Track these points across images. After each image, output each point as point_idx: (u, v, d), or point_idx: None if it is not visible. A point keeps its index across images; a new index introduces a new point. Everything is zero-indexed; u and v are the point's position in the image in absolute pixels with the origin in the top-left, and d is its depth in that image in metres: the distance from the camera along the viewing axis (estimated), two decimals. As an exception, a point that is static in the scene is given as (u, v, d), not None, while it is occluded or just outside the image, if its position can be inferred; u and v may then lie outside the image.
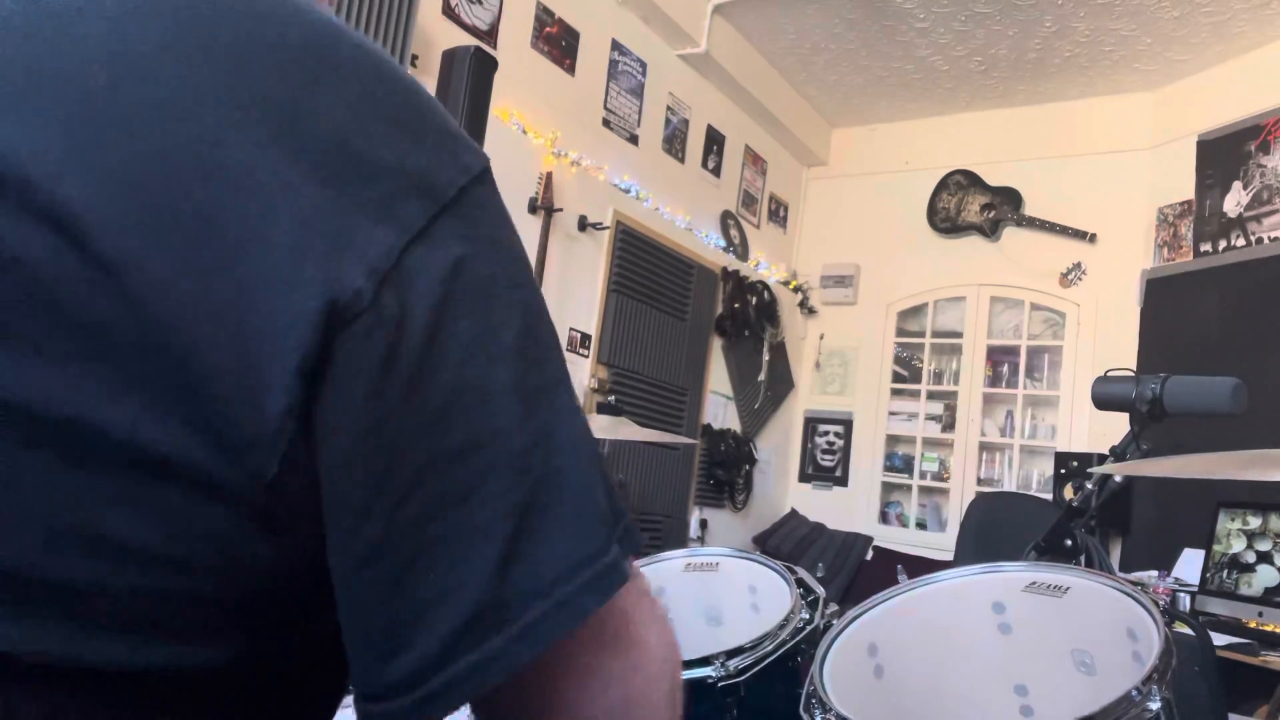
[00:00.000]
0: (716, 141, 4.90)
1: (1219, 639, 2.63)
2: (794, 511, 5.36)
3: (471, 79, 2.83)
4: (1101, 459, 1.80)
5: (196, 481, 0.36)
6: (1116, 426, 1.68)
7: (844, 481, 5.39)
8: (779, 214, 5.55)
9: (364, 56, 0.41)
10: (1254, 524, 3.16)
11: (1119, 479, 1.60)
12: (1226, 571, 3.18)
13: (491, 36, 3.45)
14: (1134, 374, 1.67)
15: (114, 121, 0.36)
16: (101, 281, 0.35)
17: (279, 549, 0.39)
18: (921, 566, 1.65)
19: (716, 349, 4.89)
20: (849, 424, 5.43)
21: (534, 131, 3.61)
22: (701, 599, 1.74)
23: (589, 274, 3.99)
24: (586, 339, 3.97)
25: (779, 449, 5.45)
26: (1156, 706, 0.97)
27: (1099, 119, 4.87)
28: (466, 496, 0.39)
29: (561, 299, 3.81)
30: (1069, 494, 3.86)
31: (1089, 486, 1.61)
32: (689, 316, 4.61)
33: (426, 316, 0.38)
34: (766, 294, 5.19)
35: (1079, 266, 4.84)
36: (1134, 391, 1.62)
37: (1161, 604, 1.13)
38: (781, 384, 5.42)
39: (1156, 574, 3.46)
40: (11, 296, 0.34)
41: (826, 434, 5.49)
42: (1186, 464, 1.33)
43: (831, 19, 4.45)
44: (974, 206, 5.17)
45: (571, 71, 3.87)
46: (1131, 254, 4.67)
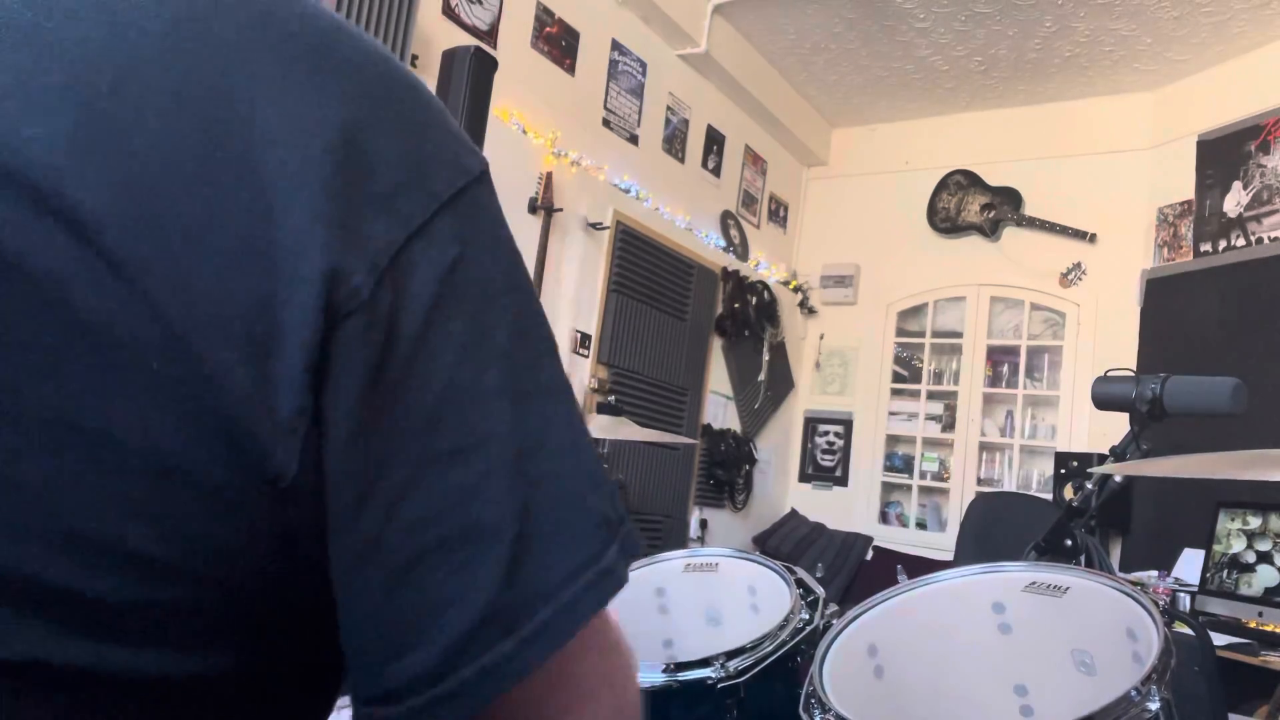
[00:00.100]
0: (716, 141, 4.90)
1: (1219, 639, 2.63)
2: (794, 511, 5.35)
3: (471, 79, 2.83)
4: (1101, 459, 1.79)
5: (211, 489, 0.36)
6: (1116, 426, 1.68)
7: (844, 481, 5.39)
8: (779, 214, 5.55)
9: (367, 53, 0.41)
10: (1254, 524, 3.16)
11: (1119, 479, 1.60)
12: (1226, 571, 3.18)
13: (491, 36, 3.44)
14: (1134, 374, 1.67)
15: (120, 121, 0.36)
16: (113, 284, 0.34)
17: (291, 557, 0.39)
18: (921, 566, 1.65)
19: (716, 349, 4.89)
20: (849, 424, 5.43)
21: (534, 131, 3.61)
22: (701, 599, 1.74)
23: (589, 274, 3.99)
24: (586, 339, 3.97)
25: (779, 449, 5.45)
26: (1156, 706, 0.97)
27: (1099, 119, 4.87)
28: (468, 499, 0.38)
29: (561, 299, 3.81)
30: (1069, 494, 3.86)
31: (1089, 486, 1.61)
32: (689, 316, 4.61)
33: (421, 314, 0.38)
34: (766, 294, 5.19)
35: (1079, 266, 4.84)
36: (1134, 391, 1.62)
37: (1161, 604, 1.13)
38: (781, 384, 5.42)
39: (1156, 574, 3.46)
40: (22, 299, 0.34)
41: (826, 434, 5.49)
42: (1186, 464, 1.33)
43: (831, 19, 4.45)
44: (974, 206, 5.17)
45: (571, 71, 3.87)
46: (1131, 254, 4.67)
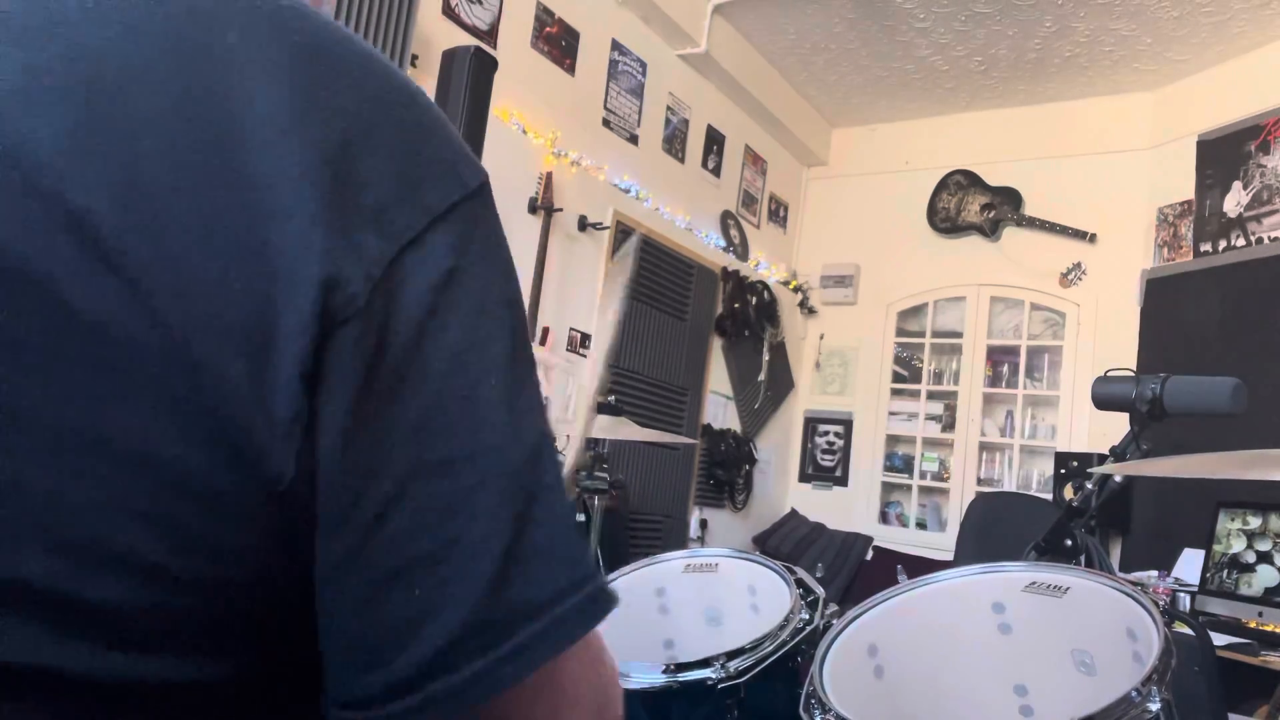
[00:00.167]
0: (716, 141, 4.90)
1: (1219, 639, 2.63)
2: (794, 511, 5.35)
3: (471, 79, 2.83)
4: (1101, 459, 1.79)
5: (210, 494, 0.36)
6: (1116, 426, 1.68)
7: (844, 481, 5.39)
8: (779, 214, 5.55)
9: (370, 64, 0.41)
10: (1254, 524, 3.16)
11: (1119, 479, 1.60)
12: (1226, 571, 3.18)
13: (491, 36, 3.44)
14: (1134, 374, 1.67)
15: (122, 124, 0.36)
16: (116, 289, 0.35)
17: (289, 561, 0.39)
18: (921, 566, 1.65)
19: (716, 349, 4.89)
20: (849, 424, 5.42)
21: (534, 131, 3.61)
22: (701, 599, 1.74)
23: (589, 274, 3.99)
24: (586, 339, 3.97)
25: (779, 449, 5.44)
26: (1156, 707, 0.97)
27: (1099, 119, 4.87)
28: (455, 512, 0.38)
29: (561, 299, 3.81)
30: (1069, 494, 3.86)
31: (1089, 486, 1.61)
32: (689, 316, 4.61)
33: (414, 324, 0.38)
34: (766, 294, 5.19)
35: (1079, 266, 4.84)
36: (1134, 391, 1.61)
37: (1161, 604, 1.13)
38: (781, 384, 5.42)
39: (1156, 574, 3.46)
40: (26, 304, 0.34)
41: (826, 434, 5.49)
42: (1186, 464, 1.33)
43: (831, 19, 4.45)
44: (974, 206, 5.17)
45: (571, 71, 3.87)
46: (1131, 254, 4.67)
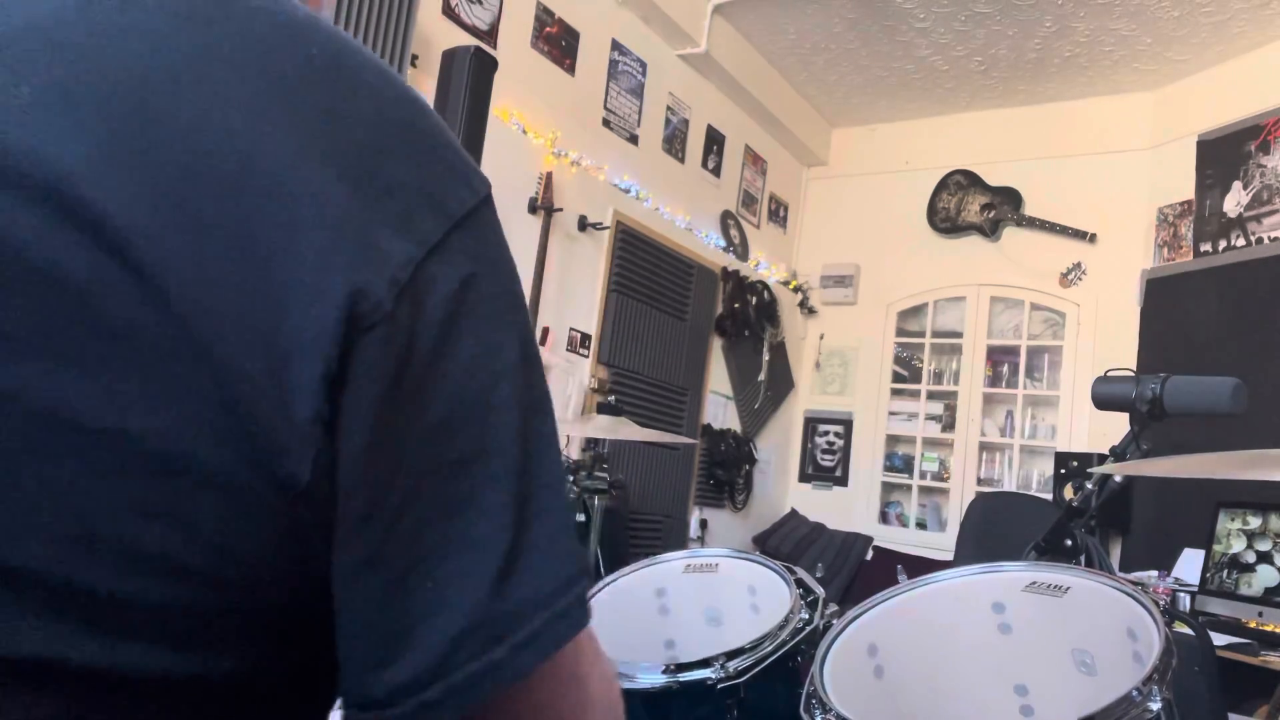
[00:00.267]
0: (716, 141, 4.90)
1: (1219, 639, 2.63)
2: (794, 511, 5.35)
3: (471, 79, 2.83)
4: (1101, 459, 1.79)
5: (230, 492, 0.37)
6: (1116, 426, 1.68)
7: (844, 481, 5.39)
8: (779, 214, 5.55)
9: (383, 77, 0.43)
10: (1254, 524, 3.16)
11: (1119, 479, 1.60)
12: (1226, 571, 3.18)
13: (491, 36, 3.44)
14: (1134, 374, 1.67)
15: (150, 133, 0.37)
16: (139, 291, 0.35)
17: (305, 561, 0.40)
18: (921, 566, 1.65)
19: (716, 349, 4.89)
20: (849, 424, 5.43)
21: (534, 131, 3.61)
22: (701, 599, 1.74)
23: (589, 274, 3.99)
24: (586, 339, 3.97)
25: (779, 449, 5.45)
26: (1157, 707, 0.97)
27: (1099, 119, 4.87)
28: (464, 508, 0.40)
29: (561, 299, 3.80)
30: (1069, 494, 3.86)
31: (1089, 486, 1.61)
32: (689, 316, 4.61)
33: (436, 329, 0.40)
34: (766, 294, 5.19)
35: (1079, 266, 4.84)
36: (1134, 391, 1.62)
37: (1161, 604, 1.13)
38: (781, 384, 5.42)
39: (1156, 574, 3.46)
40: (50, 305, 0.35)
41: (826, 434, 5.49)
42: (1186, 464, 1.33)
43: (831, 19, 4.45)
44: (974, 206, 5.17)
45: (571, 71, 3.87)
46: (1131, 254, 4.67)
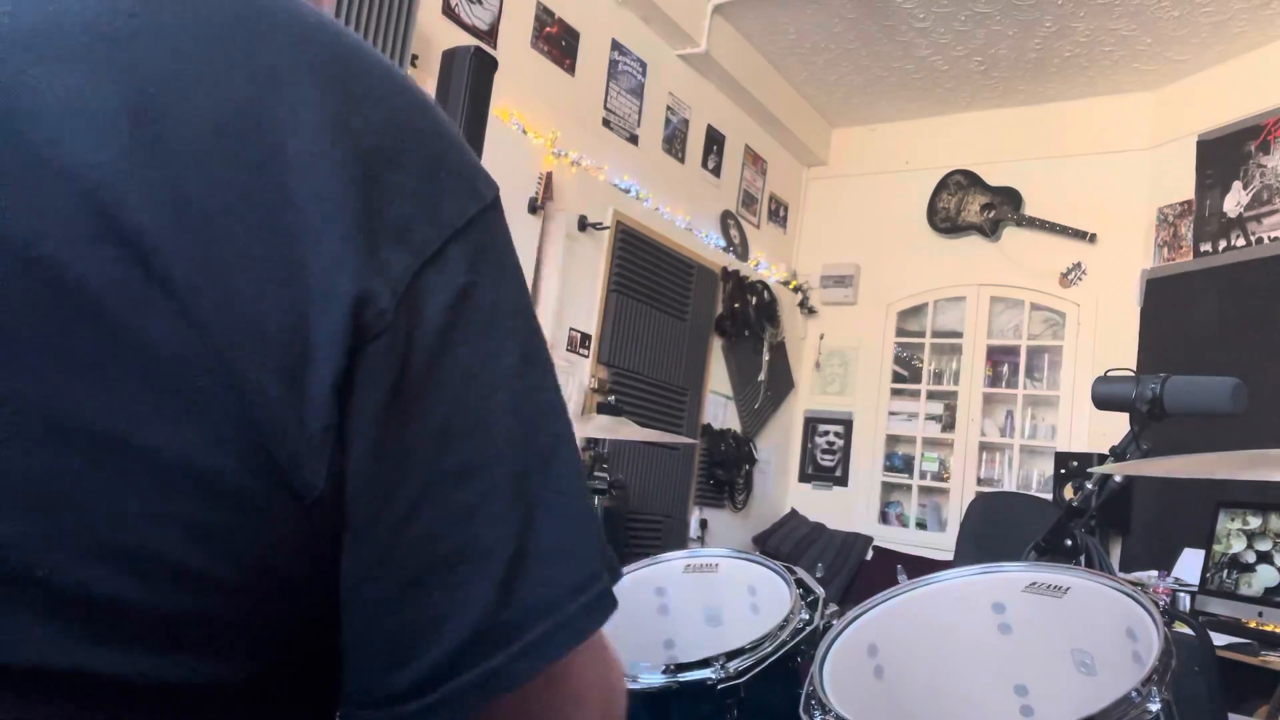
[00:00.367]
0: (716, 141, 4.90)
1: (1219, 639, 2.63)
2: (794, 511, 5.35)
3: (471, 79, 2.83)
4: (1101, 459, 1.79)
5: (248, 503, 0.37)
6: (1116, 426, 1.68)
7: (844, 481, 5.39)
8: (779, 214, 5.55)
9: (393, 81, 0.43)
10: (1254, 524, 3.16)
11: (1119, 479, 1.60)
12: (1226, 571, 3.18)
13: (491, 36, 3.44)
14: (1134, 374, 1.67)
15: (173, 145, 0.37)
16: (162, 303, 0.36)
17: (312, 567, 0.40)
18: (921, 566, 1.65)
19: (716, 349, 4.89)
20: (849, 424, 5.42)
21: (534, 131, 3.61)
22: (701, 600, 1.74)
23: (589, 274, 3.99)
24: (586, 339, 3.97)
25: (779, 449, 5.44)
26: (1156, 707, 0.97)
27: (1099, 119, 4.87)
28: (470, 517, 0.40)
29: (561, 299, 3.80)
30: (1069, 494, 3.85)
31: (1089, 486, 1.61)
32: (689, 316, 4.61)
33: (434, 337, 0.40)
34: (766, 294, 5.19)
35: (1079, 266, 4.84)
36: (1134, 391, 1.61)
37: (1161, 604, 1.13)
38: (781, 384, 5.42)
39: (1156, 574, 3.46)
40: (74, 315, 0.35)
41: (826, 434, 5.49)
42: (1186, 464, 1.33)
43: (831, 19, 4.45)
44: (974, 206, 5.17)
45: (571, 71, 3.87)
46: (1131, 254, 4.67)
